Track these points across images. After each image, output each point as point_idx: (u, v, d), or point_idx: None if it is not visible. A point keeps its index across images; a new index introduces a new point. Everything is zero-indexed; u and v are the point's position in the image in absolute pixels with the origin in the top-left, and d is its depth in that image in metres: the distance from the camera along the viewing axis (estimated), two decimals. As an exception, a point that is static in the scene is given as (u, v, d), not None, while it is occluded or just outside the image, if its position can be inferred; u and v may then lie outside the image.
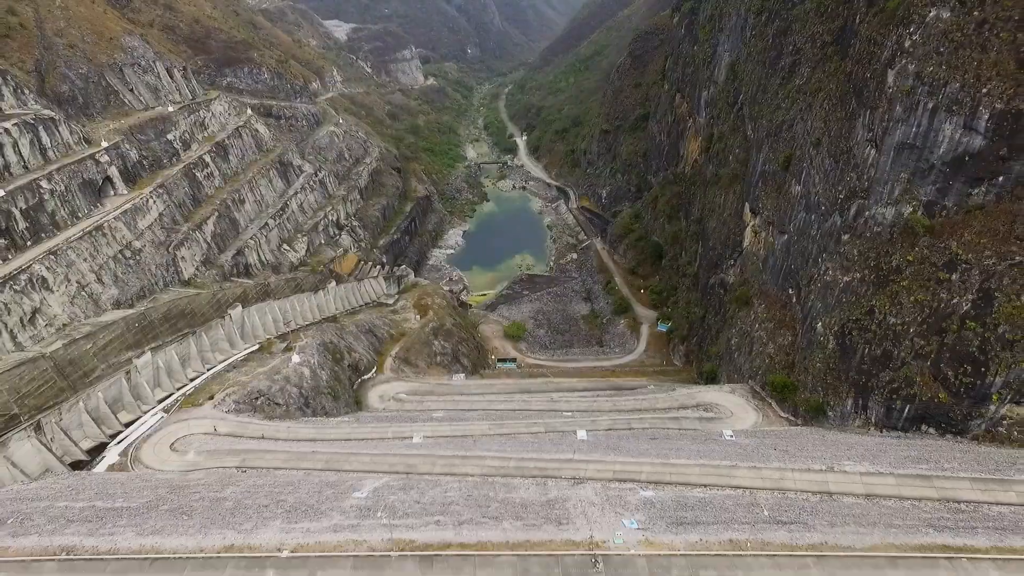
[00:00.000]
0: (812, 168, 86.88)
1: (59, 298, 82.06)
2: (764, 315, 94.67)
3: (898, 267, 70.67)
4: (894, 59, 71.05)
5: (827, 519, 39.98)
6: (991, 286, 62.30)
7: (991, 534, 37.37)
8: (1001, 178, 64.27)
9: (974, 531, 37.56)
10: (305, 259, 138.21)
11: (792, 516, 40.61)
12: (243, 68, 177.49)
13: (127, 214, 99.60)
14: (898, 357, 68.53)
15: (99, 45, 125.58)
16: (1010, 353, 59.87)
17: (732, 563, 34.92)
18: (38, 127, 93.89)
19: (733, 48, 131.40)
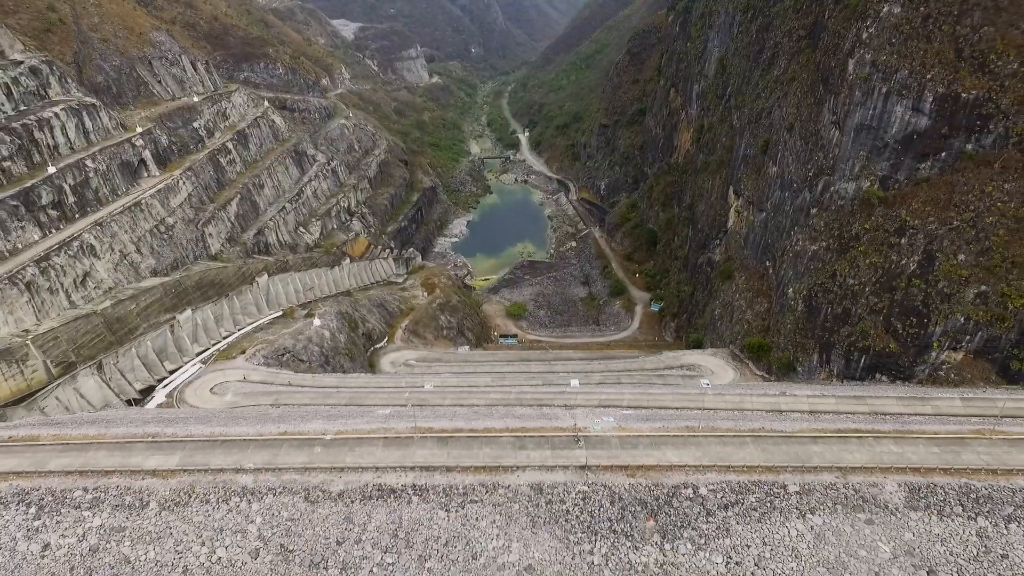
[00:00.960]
0: (786, 150, 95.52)
1: (105, 264, 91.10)
2: (744, 286, 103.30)
3: (857, 235, 79.32)
4: (854, 49, 79.75)
5: (770, 419, 48.67)
6: (933, 248, 70.98)
7: (896, 423, 46.02)
8: (943, 154, 73.06)
9: (884, 421, 46.07)
10: (319, 241, 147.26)
11: (742, 418, 49.30)
12: (259, 63, 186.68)
13: (160, 193, 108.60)
14: (856, 314, 77.17)
15: (130, 40, 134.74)
16: (947, 305, 68.58)
17: (686, 440, 43.63)
18: (82, 112, 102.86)
19: (722, 44, 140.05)
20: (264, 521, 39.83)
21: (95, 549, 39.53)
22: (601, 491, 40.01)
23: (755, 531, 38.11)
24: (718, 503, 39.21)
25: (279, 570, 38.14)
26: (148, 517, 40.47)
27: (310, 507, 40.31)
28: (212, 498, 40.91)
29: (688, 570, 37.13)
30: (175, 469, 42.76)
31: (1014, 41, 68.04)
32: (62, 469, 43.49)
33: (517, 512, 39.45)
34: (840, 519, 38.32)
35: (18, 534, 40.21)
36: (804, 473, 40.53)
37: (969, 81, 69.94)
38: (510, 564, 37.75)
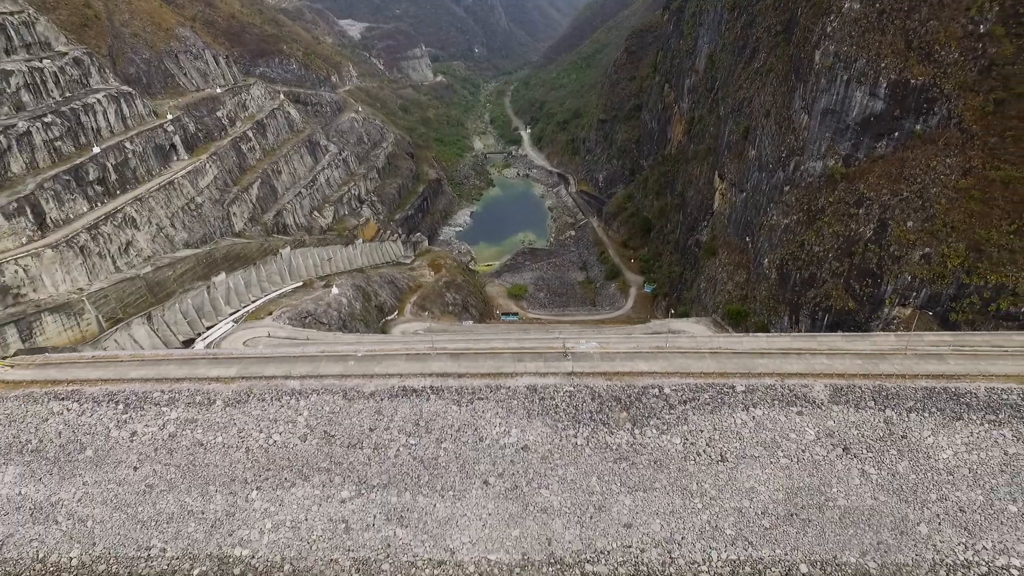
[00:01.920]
0: (763, 135, 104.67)
1: (144, 235, 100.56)
2: (726, 260, 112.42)
3: (822, 207, 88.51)
4: (820, 42, 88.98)
5: (729, 345, 57.79)
6: (886, 216, 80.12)
7: (831, 346, 55.15)
8: (896, 134, 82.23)
9: (823, 347, 55.24)
10: (332, 225, 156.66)
11: (705, 345, 58.34)
12: (274, 59, 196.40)
13: (190, 174, 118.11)
14: (820, 278, 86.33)
15: (157, 35, 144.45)
16: (897, 266, 77.69)
17: (655, 355, 52.69)
18: (120, 99, 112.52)
19: (711, 40, 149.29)
20: (310, 414, 49.10)
21: (174, 435, 48.83)
22: (584, 391, 49.17)
23: (707, 420, 47.26)
24: (678, 399, 48.34)
25: (324, 450, 47.42)
26: (215, 411, 49.76)
27: (347, 403, 49.55)
28: (267, 397, 50.17)
29: (652, 449, 46.31)
30: (235, 377, 52.04)
31: (955, 33, 77.18)
32: (141, 377, 52.80)
33: (516, 406, 48.64)
34: (776, 411, 47.44)
35: (110, 424, 49.54)
36: (750, 378, 49.61)
37: (917, 69, 79.13)
38: (510, 444, 46.97)
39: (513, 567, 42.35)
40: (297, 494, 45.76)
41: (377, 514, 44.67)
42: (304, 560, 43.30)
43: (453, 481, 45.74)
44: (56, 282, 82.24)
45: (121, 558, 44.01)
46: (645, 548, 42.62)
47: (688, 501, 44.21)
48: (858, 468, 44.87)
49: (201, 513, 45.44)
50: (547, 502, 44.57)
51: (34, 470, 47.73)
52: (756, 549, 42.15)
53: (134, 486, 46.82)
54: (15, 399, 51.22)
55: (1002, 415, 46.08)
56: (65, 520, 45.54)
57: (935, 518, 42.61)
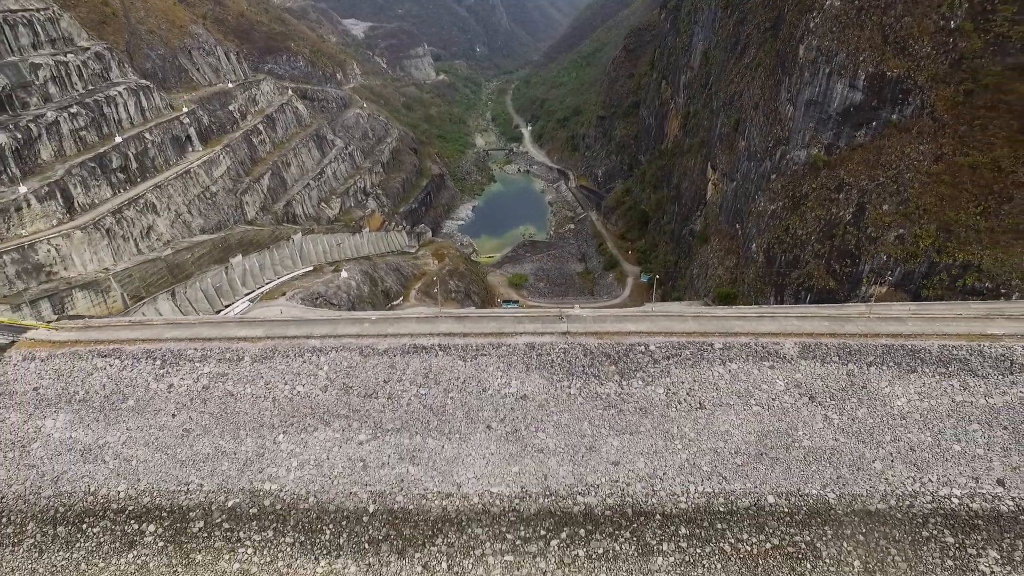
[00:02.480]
0: (752, 126, 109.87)
1: (164, 220, 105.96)
2: (717, 247, 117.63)
3: (806, 193, 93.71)
4: (804, 37, 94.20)
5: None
6: (864, 200, 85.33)
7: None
8: (874, 123, 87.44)
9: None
10: (339, 216, 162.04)
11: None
12: (282, 56, 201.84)
13: (205, 164, 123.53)
14: (803, 259, 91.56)
15: (172, 32, 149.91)
16: (874, 247, 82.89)
17: (642, 318, 57.93)
18: (139, 92, 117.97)
19: (706, 38, 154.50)
20: (330, 368, 54.40)
21: (207, 387, 54.15)
22: (577, 348, 54.42)
23: (688, 372, 52.50)
24: (662, 355, 53.57)
25: (343, 399, 52.73)
26: (244, 366, 55.07)
27: (363, 359, 54.83)
28: (290, 354, 55.48)
29: (638, 398, 51.57)
30: (261, 337, 57.34)
31: (927, 29, 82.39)
32: (175, 337, 58.13)
33: (516, 361, 53.91)
34: (750, 365, 52.66)
35: (149, 378, 54.88)
36: (727, 337, 54.81)
37: (893, 62, 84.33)
38: (510, 394, 52.25)
39: (513, 499, 47.65)
40: (319, 437, 51.10)
41: (391, 454, 49.99)
42: (327, 493, 48.63)
43: (459, 426, 51.03)
44: (84, 261, 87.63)
45: (163, 492, 49.38)
46: (630, 483, 47.91)
47: (669, 443, 49.47)
48: (822, 414, 50.12)
49: (234, 454, 50.79)
50: (543, 443, 49.86)
51: (82, 417, 53.09)
52: (729, 483, 47.42)
53: (173, 431, 52.18)
54: (62, 356, 56.56)
55: (952, 368, 51.28)
56: (112, 460, 50.90)
57: (888, 456, 47.83)
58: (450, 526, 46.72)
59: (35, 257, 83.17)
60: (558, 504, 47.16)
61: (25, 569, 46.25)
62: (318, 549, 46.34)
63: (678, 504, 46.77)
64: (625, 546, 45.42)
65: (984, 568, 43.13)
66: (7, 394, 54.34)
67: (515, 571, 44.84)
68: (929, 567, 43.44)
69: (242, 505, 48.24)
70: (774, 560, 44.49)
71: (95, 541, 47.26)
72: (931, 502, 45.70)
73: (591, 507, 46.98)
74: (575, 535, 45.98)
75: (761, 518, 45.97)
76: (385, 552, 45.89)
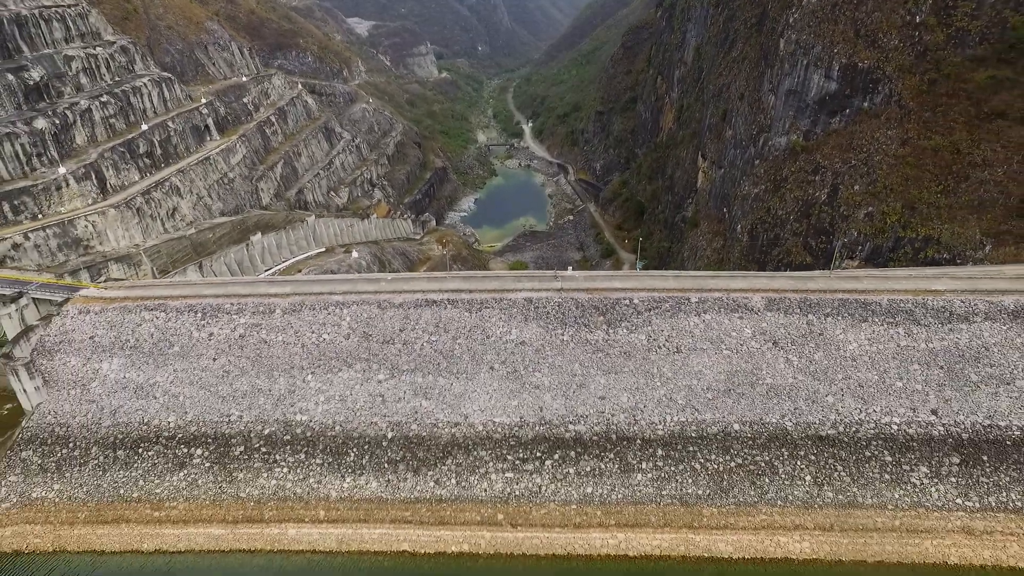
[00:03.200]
0: (738, 116, 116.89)
1: (187, 203, 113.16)
2: (706, 230, 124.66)
3: (786, 177, 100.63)
4: (784, 31, 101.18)
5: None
6: (838, 182, 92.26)
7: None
8: (847, 110, 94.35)
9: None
10: (347, 205, 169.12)
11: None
12: (291, 52, 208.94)
13: (223, 152, 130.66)
14: (783, 238, 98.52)
15: (189, 27, 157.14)
16: (846, 224, 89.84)
17: (628, 277, 65.09)
18: (162, 84, 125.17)
19: (698, 34, 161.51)
20: (351, 319, 61.58)
21: (243, 335, 61.38)
22: (570, 301, 61.58)
23: (667, 322, 59.65)
24: (645, 307, 60.71)
25: (363, 345, 59.94)
26: (275, 318, 62.29)
27: (380, 311, 62.01)
28: (316, 307, 62.66)
29: (623, 344, 58.73)
30: (289, 293, 64.52)
31: (895, 23, 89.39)
32: (213, 294, 65.33)
33: (515, 313, 61.07)
34: (721, 316, 59.80)
35: (192, 328, 62.08)
36: (703, 292, 61.92)
37: (864, 54, 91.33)
38: (511, 340, 59.43)
39: (512, 427, 54.92)
40: (343, 377, 58.37)
41: (407, 390, 57.26)
42: (350, 423, 55.93)
43: (466, 367, 58.28)
44: (118, 237, 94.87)
45: (207, 422, 56.69)
46: (615, 413, 55.18)
47: (649, 381, 56.71)
48: (783, 357, 57.34)
49: (268, 391, 58.10)
50: (539, 381, 57.12)
51: (134, 360, 60.37)
52: (700, 414, 54.70)
53: (214, 372, 59.47)
54: (114, 310, 63.80)
55: (898, 318, 58.46)
56: (162, 396, 58.21)
57: (839, 391, 55.10)
58: (458, 449, 54.02)
59: (74, 232, 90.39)
60: (552, 431, 54.47)
61: (91, 485, 53.61)
62: (344, 468, 53.65)
63: (656, 431, 54.07)
64: (610, 465, 52.73)
65: (915, 480, 50.46)
66: (67, 342, 61.61)
67: (514, 485, 52.13)
68: (869, 480, 50.74)
69: (277, 433, 55.57)
70: (737, 476, 51.79)
71: (150, 462, 54.59)
72: (874, 428, 52.99)
73: (581, 434, 54.28)
74: (566, 456, 53.30)
75: (727, 442, 53.28)
76: (402, 470, 53.20)
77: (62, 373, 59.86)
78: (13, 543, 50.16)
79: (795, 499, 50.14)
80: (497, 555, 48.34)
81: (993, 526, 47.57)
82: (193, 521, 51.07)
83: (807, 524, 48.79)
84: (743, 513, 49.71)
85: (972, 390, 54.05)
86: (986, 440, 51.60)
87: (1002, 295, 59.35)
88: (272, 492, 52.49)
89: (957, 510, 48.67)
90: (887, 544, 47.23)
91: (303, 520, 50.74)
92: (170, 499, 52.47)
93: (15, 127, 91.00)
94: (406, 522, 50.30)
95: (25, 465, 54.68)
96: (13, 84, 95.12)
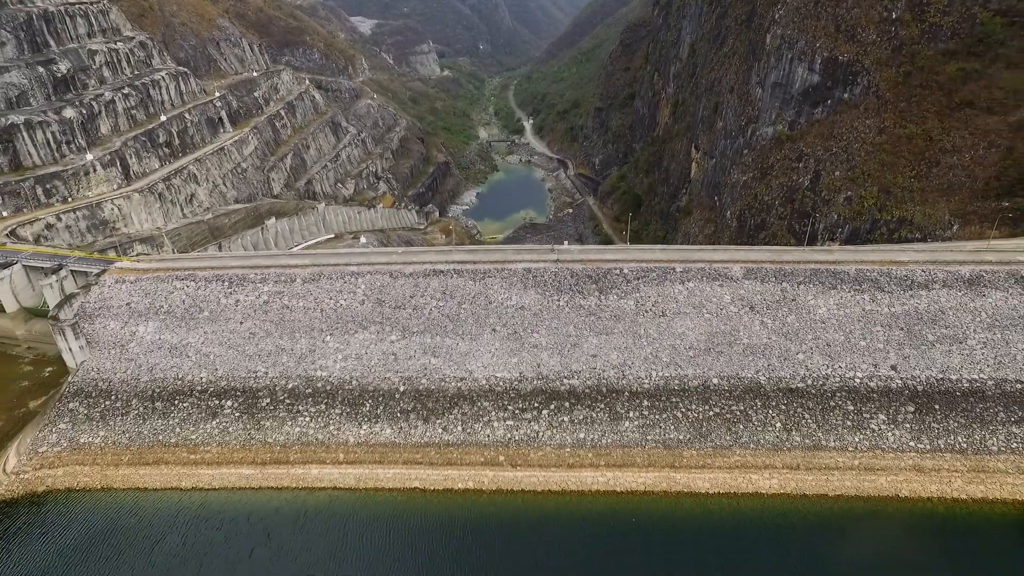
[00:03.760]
0: (728, 108, 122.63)
1: (204, 190, 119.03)
2: (698, 217, 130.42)
3: (771, 164, 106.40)
4: (770, 26, 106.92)
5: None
6: (820, 168, 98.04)
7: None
8: (829, 101, 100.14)
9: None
10: (353, 196, 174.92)
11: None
12: (298, 49, 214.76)
13: (236, 143, 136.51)
14: (769, 222, 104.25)
15: (201, 24, 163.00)
16: (827, 207, 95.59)
17: (619, 250, 70.88)
18: (178, 77, 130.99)
19: (693, 31, 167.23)
20: (366, 287, 67.36)
21: (267, 301, 67.18)
22: (565, 271, 67.32)
23: (654, 289, 65.38)
24: (634, 276, 66.44)
25: (377, 310, 65.73)
26: (296, 286, 68.07)
27: (392, 280, 67.80)
28: (333, 276, 68.42)
29: (613, 308, 64.46)
30: (308, 264, 70.31)
31: (873, 19, 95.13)
32: (238, 265, 71.13)
33: (516, 281, 66.83)
34: (704, 284, 65.52)
35: (220, 295, 67.88)
36: (687, 263, 67.61)
37: (844, 48, 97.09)
38: (511, 305, 65.20)
39: (513, 381, 60.70)
40: (359, 338, 64.18)
41: (417, 349, 63.06)
42: (366, 378, 61.74)
43: (470, 329, 64.05)
44: (141, 220, 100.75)
45: (236, 378, 62.51)
46: (605, 370, 60.94)
47: (637, 341, 62.46)
48: (759, 320, 63.08)
49: (291, 350, 63.91)
50: (537, 341, 62.89)
51: (168, 324, 66.19)
52: (682, 370, 60.46)
53: (241, 334, 65.29)
54: (148, 279, 69.61)
55: (864, 286, 64.18)
56: (194, 355, 64.04)
57: (809, 350, 60.85)
58: (464, 401, 59.82)
59: (101, 214, 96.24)
60: (548, 385, 60.28)
61: (133, 431, 59.44)
62: (361, 417, 59.46)
63: (642, 385, 59.87)
64: (600, 414, 58.52)
65: (874, 426, 56.25)
66: (106, 308, 67.47)
67: (514, 432, 57.90)
68: (833, 426, 56.55)
69: (299, 387, 61.41)
70: (715, 423, 57.56)
71: (186, 412, 60.43)
72: (839, 382, 58.84)
73: (574, 387, 60.09)
74: (561, 406, 59.09)
75: (707, 394, 59.08)
76: (413, 419, 59.02)
77: (102, 335, 65.70)
78: (65, 481, 55.95)
79: (766, 443, 55.85)
80: (499, 491, 54.04)
81: (940, 465, 53.29)
82: (225, 463, 56.82)
83: (776, 464, 54.48)
84: (719, 455, 55.42)
85: (928, 348, 59.78)
86: (938, 391, 57.35)
87: (960, 265, 65.05)
88: (296, 438, 58.26)
89: (910, 451, 54.39)
90: (847, 480, 52.95)
91: (324, 462, 56.51)
92: (204, 444, 58.24)
93: (46, 116, 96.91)
94: (417, 463, 56.04)
95: (73, 415, 60.50)
96: (43, 76, 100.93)
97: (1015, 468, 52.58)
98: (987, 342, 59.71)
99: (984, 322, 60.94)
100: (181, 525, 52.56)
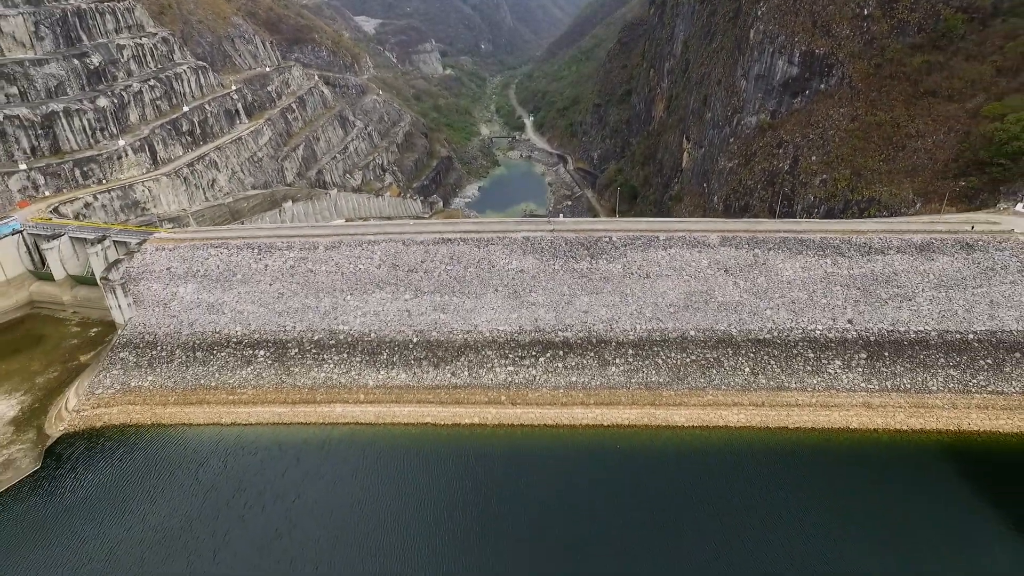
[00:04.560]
0: (716, 100, 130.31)
1: (223, 176, 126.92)
2: (688, 204, 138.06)
3: (755, 151, 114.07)
4: (754, 23, 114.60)
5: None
6: (798, 154, 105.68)
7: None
8: (807, 92, 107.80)
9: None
10: (361, 187, 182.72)
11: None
12: (307, 46, 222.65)
13: (252, 134, 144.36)
14: (752, 205, 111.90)
15: (217, 22, 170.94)
16: (804, 190, 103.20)
17: (609, 222, 78.69)
18: (198, 71, 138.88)
19: (686, 28, 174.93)
20: (382, 253, 75.14)
21: (293, 266, 74.99)
22: (560, 239, 75.07)
23: (639, 255, 73.13)
24: (621, 243, 74.17)
25: (392, 273, 73.51)
26: (319, 252, 75.87)
27: (405, 247, 75.58)
28: (352, 244, 76.21)
29: (603, 271, 72.20)
30: (329, 234, 78.11)
31: (847, 15, 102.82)
32: (266, 235, 78.93)
33: (516, 248, 74.60)
34: (684, 250, 73.26)
35: (250, 260, 75.68)
36: (670, 232, 75.31)
37: (820, 42, 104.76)
38: (512, 269, 72.97)
39: (513, 334, 68.44)
40: (376, 297, 71.96)
41: (428, 307, 70.84)
42: (383, 331, 69.51)
43: (475, 289, 71.82)
44: (169, 201, 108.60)
45: (267, 332, 70.30)
46: (595, 324, 68.68)
47: (623, 299, 70.19)
48: (732, 281, 70.79)
49: (316, 307, 71.70)
50: (535, 300, 70.64)
51: (205, 285, 74.01)
52: (663, 323, 68.17)
53: (271, 294, 73.11)
54: (185, 247, 77.44)
55: (827, 251, 71.84)
56: (229, 312, 71.85)
57: (776, 307, 68.54)
58: (470, 350, 67.58)
59: (133, 195, 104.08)
60: (544, 336, 68.00)
61: (178, 376, 67.27)
62: (379, 364, 67.24)
63: (628, 336, 67.58)
64: (590, 361, 66.26)
65: (831, 371, 63.96)
66: (148, 272, 75.31)
67: (515, 376, 65.65)
68: (795, 369, 64.25)
69: (324, 339, 69.18)
70: (691, 369, 65.27)
71: (223, 360, 68.25)
72: (801, 333, 66.52)
73: (568, 338, 67.81)
74: (556, 354, 66.83)
75: (684, 344, 66.79)
76: (425, 365, 66.79)
77: (147, 295, 73.54)
78: (120, 418, 63.74)
79: (735, 384, 63.54)
80: (501, 426, 61.75)
81: (886, 402, 60.97)
82: (260, 402, 64.60)
83: (744, 402, 62.17)
84: (694, 395, 63.11)
85: (881, 305, 67.45)
86: (888, 341, 65.01)
87: (913, 234, 72.72)
88: (322, 381, 66.01)
89: (860, 391, 62.07)
90: (804, 415, 60.62)
91: (347, 401, 64.26)
92: (241, 387, 66.03)
93: (82, 104, 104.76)
94: (429, 402, 63.79)
95: (123, 362, 68.31)
96: (78, 68, 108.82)
97: (949, 404, 60.27)
98: (933, 299, 67.37)
99: (932, 282, 68.59)
100: (222, 452, 60.32)
